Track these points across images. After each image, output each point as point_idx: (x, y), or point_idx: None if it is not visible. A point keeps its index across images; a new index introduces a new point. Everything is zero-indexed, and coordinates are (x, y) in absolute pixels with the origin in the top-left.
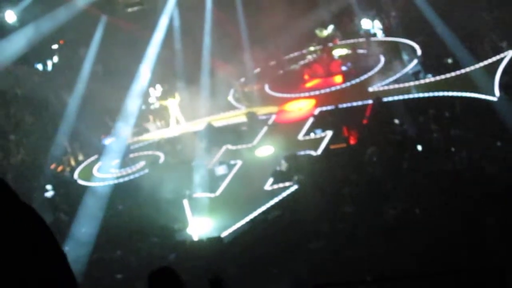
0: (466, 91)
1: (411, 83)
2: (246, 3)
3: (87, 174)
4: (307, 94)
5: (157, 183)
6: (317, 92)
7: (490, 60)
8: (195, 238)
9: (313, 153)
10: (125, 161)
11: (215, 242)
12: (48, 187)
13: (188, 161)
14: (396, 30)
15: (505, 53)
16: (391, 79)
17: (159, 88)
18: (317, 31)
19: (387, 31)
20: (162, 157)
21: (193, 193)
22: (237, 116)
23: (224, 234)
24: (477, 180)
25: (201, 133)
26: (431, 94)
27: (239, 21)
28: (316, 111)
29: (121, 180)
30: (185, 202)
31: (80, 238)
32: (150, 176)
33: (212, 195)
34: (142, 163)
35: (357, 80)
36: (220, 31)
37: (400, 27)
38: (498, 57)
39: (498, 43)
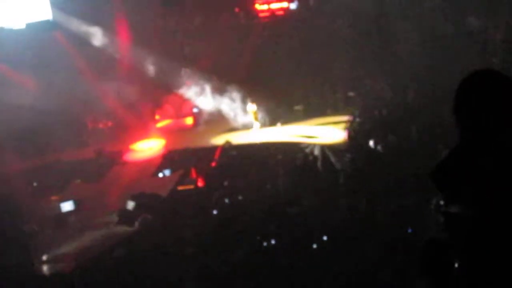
0: (315, 138)
1: (263, 129)
2: None
3: None
4: (157, 134)
5: None
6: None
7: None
8: None
9: (160, 193)
10: None
11: None
12: None
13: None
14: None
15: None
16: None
17: None
18: None
19: None
20: None
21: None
22: (87, 153)
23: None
24: (323, 226)
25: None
26: (281, 140)
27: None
28: (166, 152)
29: None
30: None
31: None
32: None
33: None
34: None
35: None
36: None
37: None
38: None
39: (348, 93)
